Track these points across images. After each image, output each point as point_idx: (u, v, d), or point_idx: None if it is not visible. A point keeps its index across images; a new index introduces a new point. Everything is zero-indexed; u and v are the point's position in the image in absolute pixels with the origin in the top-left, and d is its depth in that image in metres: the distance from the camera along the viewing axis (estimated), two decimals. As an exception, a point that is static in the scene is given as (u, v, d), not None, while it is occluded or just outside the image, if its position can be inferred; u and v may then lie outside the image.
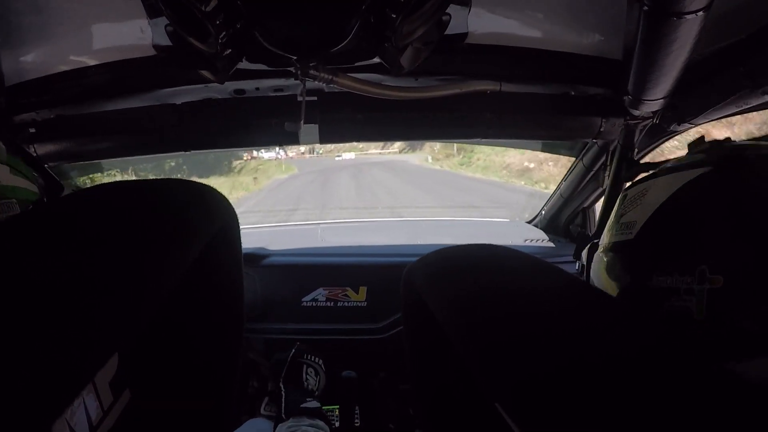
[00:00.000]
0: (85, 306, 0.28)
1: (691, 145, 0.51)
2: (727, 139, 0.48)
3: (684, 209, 0.43)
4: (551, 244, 1.66)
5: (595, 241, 0.63)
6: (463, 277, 0.41)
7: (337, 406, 1.29)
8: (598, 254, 0.56)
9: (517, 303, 0.34)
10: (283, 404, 1.10)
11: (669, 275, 0.40)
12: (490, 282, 0.38)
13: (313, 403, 1.11)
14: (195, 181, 0.47)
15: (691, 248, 0.39)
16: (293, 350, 1.24)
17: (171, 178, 0.46)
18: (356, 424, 1.29)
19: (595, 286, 0.56)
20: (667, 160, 1.14)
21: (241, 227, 0.52)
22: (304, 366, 1.21)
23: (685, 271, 0.39)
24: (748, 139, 0.46)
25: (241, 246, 0.52)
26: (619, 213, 0.52)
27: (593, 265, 0.58)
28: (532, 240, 1.70)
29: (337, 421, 1.27)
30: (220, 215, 0.47)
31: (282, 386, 1.15)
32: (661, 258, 0.42)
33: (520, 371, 0.28)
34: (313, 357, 1.25)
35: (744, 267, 0.35)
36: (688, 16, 0.65)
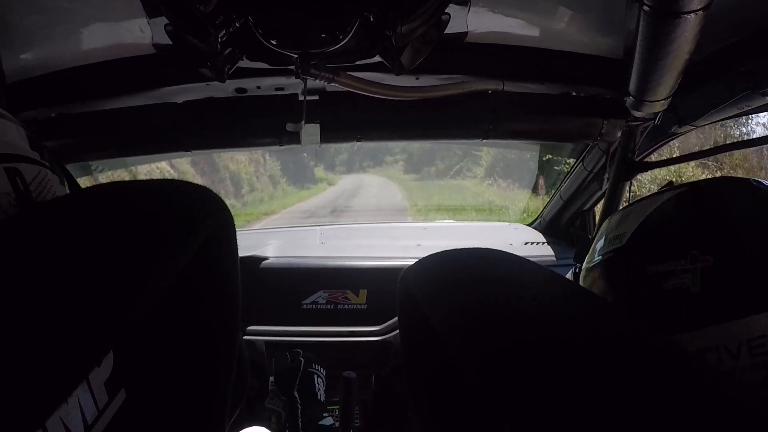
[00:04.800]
0: (76, 304, 0.28)
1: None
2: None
3: (667, 215, 0.55)
4: (551, 247, 1.66)
5: (579, 265, 0.69)
6: (459, 283, 0.41)
7: (337, 407, 1.27)
8: (588, 274, 0.63)
9: (514, 312, 0.34)
10: (299, 419, 1.08)
11: (663, 262, 0.50)
12: (485, 290, 0.38)
13: (328, 420, 1.09)
14: (190, 182, 0.47)
15: (680, 240, 0.50)
16: (301, 360, 1.21)
17: (166, 179, 0.47)
18: (356, 425, 1.28)
19: (593, 292, 0.58)
20: (668, 160, 1.15)
21: (241, 230, 0.52)
22: (315, 375, 1.19)
23: (678, 257, 0.49)
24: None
25: (237, 248, 0.52)
26: (605, 234, 0.61)
27: (583, 285, 0.64)
28: (532, 243, 1.69)
29: (336, 422, 1.26)
30: (214, 217, 0.47)
31: (297, 396, 1.13)
32: (655, 251, 0.52)
33: (517, 381, 0.27)
34: (318, 366, 1.23)
35: (725, 248, 0.47)
36: (688, 16, 0.65)
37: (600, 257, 0.61)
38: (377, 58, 0.89)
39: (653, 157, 1.26)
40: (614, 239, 0.59)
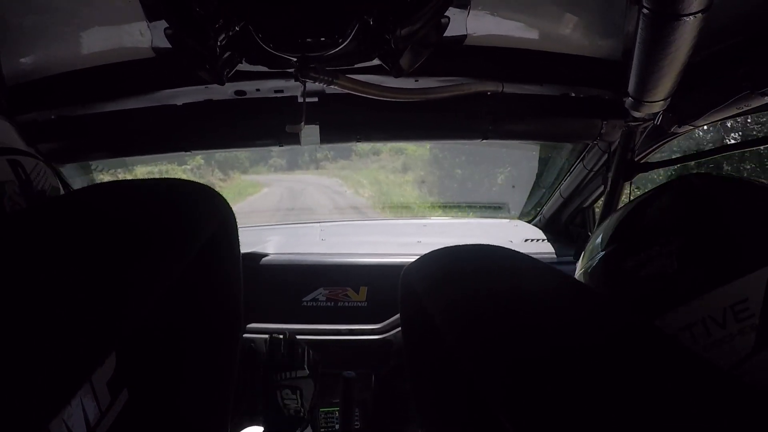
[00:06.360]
0: (79, 306, 0.28)
1: None
2: None
3: (633, 217, 0.58)
4: (551, 244, 1.66)
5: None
6: (459, 278, 0.41)
7: (337, 408, 1.27)
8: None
9: (512, 304, 0.34)
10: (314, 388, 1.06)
11: (639, 253, 0.53)
12: (484, 283, 0.38)
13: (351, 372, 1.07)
14: (193, 181, 0.47)
15: (651, 230, 0.53)
16: (280, 336, 1.12)
17: (168, 178, 0.46)
18: (356, 426, 1.28)
19: (591, 287, 0.58)
20: (669, 160, 1.15)
21: (241, 227, 0.52)
22: (278, 392, 1.07)
23: (652, 244, 0.51)
24: None
25: (239, 246, 0.52)
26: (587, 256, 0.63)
27: None
28: (531, 240, 1.70)
29: (336, 423, 1.26)
30: (217, 215, 0.47)
31: (308, 369, 1.08)
32: (629, 246, 0.55)
33: (513, 372, 0.28)
34: (290, 373, 1.09)
35: (695, 226, 0.50)
36: (687, 18, 0.65)
37: (583, 270, 0.63)
38: (376, 61, 0.89)
39: (653, 157, 1.27)
40: (593, 250, 0.62)
